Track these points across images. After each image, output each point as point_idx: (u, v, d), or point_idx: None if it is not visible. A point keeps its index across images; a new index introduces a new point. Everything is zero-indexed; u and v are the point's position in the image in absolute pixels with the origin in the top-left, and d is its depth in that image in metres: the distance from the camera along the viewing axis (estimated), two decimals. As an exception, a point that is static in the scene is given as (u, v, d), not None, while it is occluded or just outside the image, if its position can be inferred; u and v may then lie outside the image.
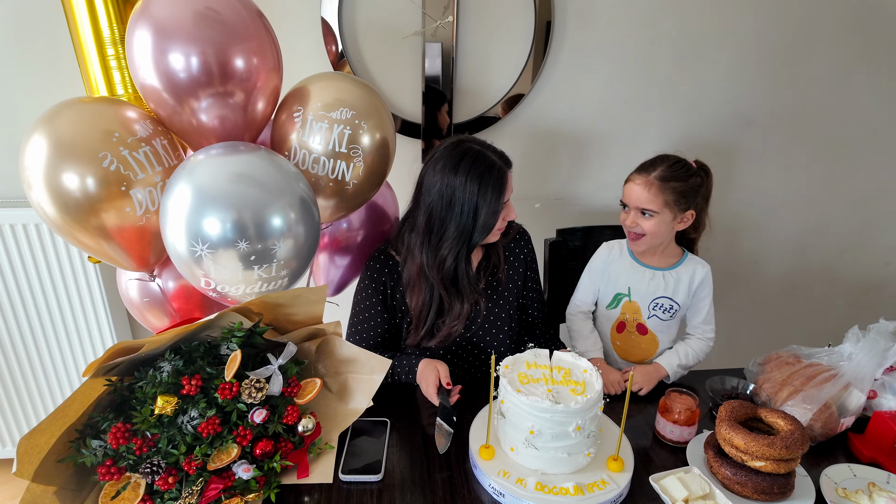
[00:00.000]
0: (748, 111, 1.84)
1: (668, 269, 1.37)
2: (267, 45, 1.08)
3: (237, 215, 0.97)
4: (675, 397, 1.10)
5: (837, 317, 2.19)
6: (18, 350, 1.71)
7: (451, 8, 1.58)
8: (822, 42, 1.76)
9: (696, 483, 0.95)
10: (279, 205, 1.01)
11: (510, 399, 0.97)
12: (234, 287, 1.04)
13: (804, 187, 1.98)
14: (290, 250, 1.04)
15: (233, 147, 1.06)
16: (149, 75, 1.02)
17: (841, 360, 1.14)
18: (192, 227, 0.97)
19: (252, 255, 1.00)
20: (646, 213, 1.29)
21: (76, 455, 0.86)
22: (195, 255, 0.99)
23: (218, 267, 1.00)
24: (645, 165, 1.31)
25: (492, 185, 1.15)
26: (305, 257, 1.10)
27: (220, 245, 0.97)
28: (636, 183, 1.29)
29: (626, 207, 1.33)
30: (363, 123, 1.16)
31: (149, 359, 0.94)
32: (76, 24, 1.20)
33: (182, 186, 0.99)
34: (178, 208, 0.98)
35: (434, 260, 1.20)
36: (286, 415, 0.96)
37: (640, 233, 1.31)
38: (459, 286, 1.24)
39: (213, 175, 1.00)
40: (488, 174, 1.15)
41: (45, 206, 0.99)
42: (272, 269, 1.04)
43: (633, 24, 1.68)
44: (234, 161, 1.03)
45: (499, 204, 1.17)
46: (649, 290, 1.37)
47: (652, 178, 1.27)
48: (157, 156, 1.06)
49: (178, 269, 1.06)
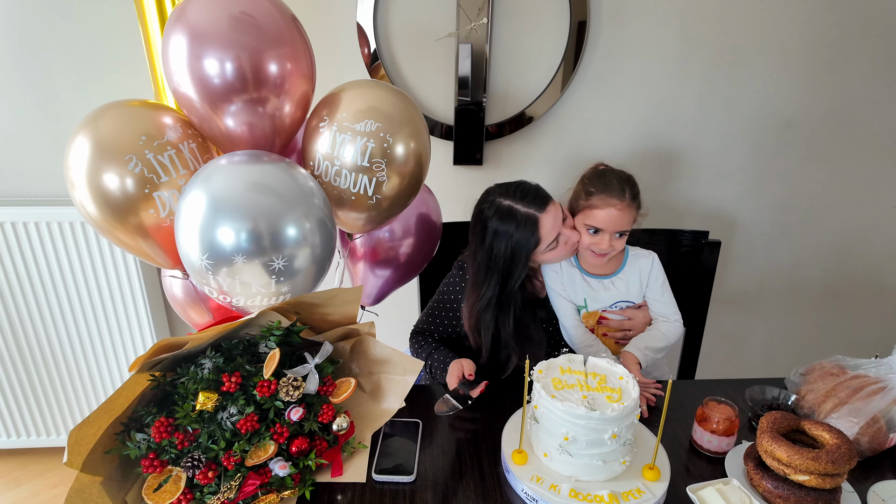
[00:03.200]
0: (788, 113, 1.78)
1: (616, 274, 1.36)
2: (301, 51, 1.08)
3: (252, 224, 0.95)
4: (714, 406, 1.07)
5: (882, 327, 2.11)
6: (63, 343, 1.78)
7: (485, 9, 1.58)
8: (866, 41, 1.70)
9: (735, 495, 0.92)
10: (294, 215, 0.99)
11: (544, 404, 0.96)
12: (248, 299, 1.03)
13: (847, 191, 1.91)
14: (304, 261, 1.02)
15: (254, 156, 1.05)
16: (183, 81, 1.02)
17: (890, 372, 1.09)
18: (206, 235, 0.95)
19: (266, 266, 0.98)
20: (620, 234, 1.28)
21: (121, 447, 0.89)
22: (205, 265, 0.97)
23: (230, 280, 0.99)
24: (611, 188, 1.27)
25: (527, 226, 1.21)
26: (320, 269, 1.07)
27: (231, 255, 0.95)
28: (617, 209, 1.26)
29: (596, 231, 1.28)
30: (389, 136, 1.11)
31: (191, 356, 0.96)
32: (147, 27, 1.23)
33: (196, 194, 0.98)
34: (192, 215, 0.97)
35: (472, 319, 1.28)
36: (321, 413, 0.97)
37: (611, 252, 1.29)
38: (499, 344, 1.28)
39: (229, 183, 0.98)
40: (521, 216, 1.22)
41: (87, 205, 1.02)
42: (274, 284, 1.01)
43: (668, 25, 1.65)
44: (251, 170, 1.01)
45: (529, 254, 1.22)
46: (604, 298, 1.36)
47: (628, 200, 1.26)
48: (182, 159, 1.06)
49: (190, 275, 1.06)
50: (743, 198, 1.90)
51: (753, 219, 1.92)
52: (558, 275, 1.38)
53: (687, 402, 1.23)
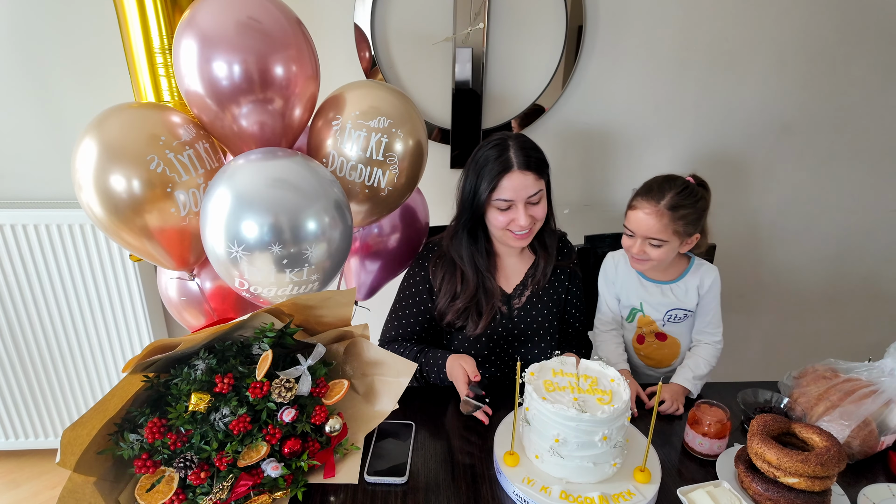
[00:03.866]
0: (785, 117, 1.79)
1: (676, 282, 1.34)
2: (306, 54, 1.11)
3: (274, 219, 1.00)
4: (706, 409, 1.08)
5: (878, 331, 2.11)
6: (62, 345, 1.79)
7: (482, 14, 1.59)
8: (863, 45, 1.71)
9: (725, 498, 0.93)
10: (314, 209, 1.04)
11: (535, 406, 0.96)
12: (266, 288, 1.07)
13: (844, 195, 1.91)
14: (323, 254, 1.06)
15: (271, 153, 1.09)
16: (193, 82, 1.06)
17: (882, 375, 1.10)
18: (231, 229, 1.00)
19: (285, 259, 1.02)
20: (654, 242, 1.24)
21: (115, 448, 0.89)
22: (231, 256, 1.02)
23: (252, 269, 1.02)
24: (651, 190, 1.24)
25: (494, 162, 1.19)
26: (338, 261, 1.12)
27: (255, 247, 1.00)
28: (644, 212, 1.22)
29: (631, 235, 1.27)
30: (398, 132, 1.18)
31: (184, 357, 0.97)
32: (128, 34, 1.25)
33: (222, 190, 1.02)
34: (218, 211, 1.01)
35: (451, 229, 1.29)
36: (314, 415, 0.98)
37: (646, 259, 1.27)
38: (476, 259, 1.28)
39: (251, 180, 1.03)
40: (500, 155, 1.19)
41: (94, 206, 1.03)
42: (304, 272, 1.06)
43: (665, 29, 1.66)
44: (272, 166, 1.05)
45: (493, 183, 1.19)
46: (660, 303, 1.34)
47: (662, 207, 1.21)
48: (199, 159, 1.10)
49: (215, 268, 1.09)
50: (740, 201, 1.90)
51: (750, 222, 1.93)
52: (614, 263, 1.39)
53: (679, 405, 1.24)
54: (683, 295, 1.33)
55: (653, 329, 1.37)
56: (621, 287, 1.38)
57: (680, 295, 1.33)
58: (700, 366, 1.30)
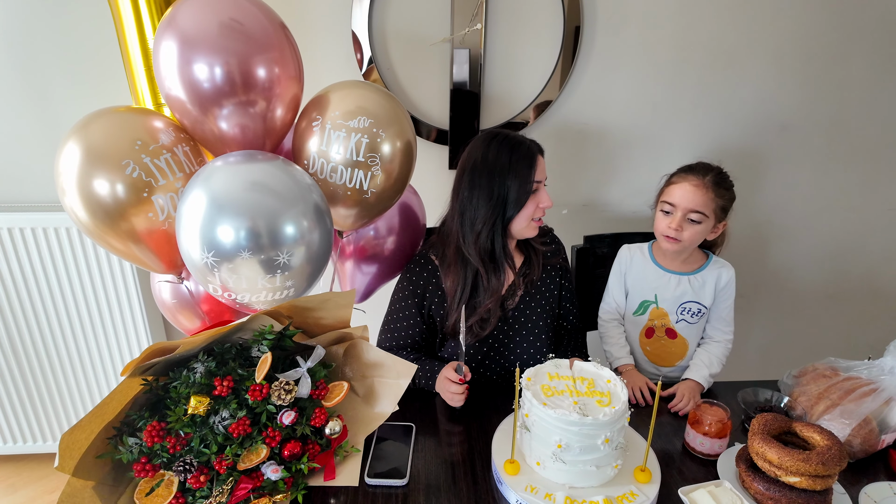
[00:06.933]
0: (782, 115, 1.79)
1: (694, 273, 1.35)
2: (288, 55, 1.09)
3: (251, 223, 0.97)
4: (706, 408, 1.07)
5: (877, 329, 2.11)
6: (60, 348, 1.78)
7: (479, 14, 1.59)
8: (860, 44, 1.71)
9: (727, 497, 0.92)
10: (292, 213, 1.01)
11: (536, 412, 0.95)
12: (242, 294, 1.04)
13: (842, 193, 1.91)
14: (301, 259, 1.03)
15: (251, 156, 1.06)
16: (174, 85, 1.03)
17: (882, 373, 1.10)
18: (207, 233, 0.97)
19: (262, 264, 0.99)
20: (694, 217, 1.25)
21: (113, 451, 0.89)
22: (205, 261, 0.99)
23: (229, 274, 1.00)
24: (694, 168, 1.28)
25: (522, 157, 1.19)
26: (317, 266, 1.09)
27: (231, 252, 0.97)
28: (691, 183, 1.25)
29: (669, 212, 1.29)
30: (381, 132, 1.15)
31: (183, 360, 0.97)
32: (124, 38, 1.24)
33: (197, 193, 0.99)
34: (193, 214, 0.98)
35: (471, 236, 1.23)
36: (314, 417, 0.98)
37: (679, 238, 1.28)
38: (496, 260, 1.25)
39: (228, 183, 1.00)
40: (518, 148, 1.20)
41: (78, 210, 1.02)
42: (279, 278, 1.03)
43: (663, 29, 1.66)
44: (248, 169, 1.03)
45: (529, 176, 1.19)
46: (676, 294, 1.35)
47: (707, 181, 1.24)
48: (178, 162, 1.07)
49: (192, 273, 1.07)
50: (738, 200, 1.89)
51: (749, 221, 1.93)
52: (630, 254, 1.40)
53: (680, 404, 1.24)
54: (700, 288, 1.34)
55: (664, 324, 1.37)
56: (635, 279, 1.39)
57: (697, 287, 1.34)
58: (714, 364, 1.32)
